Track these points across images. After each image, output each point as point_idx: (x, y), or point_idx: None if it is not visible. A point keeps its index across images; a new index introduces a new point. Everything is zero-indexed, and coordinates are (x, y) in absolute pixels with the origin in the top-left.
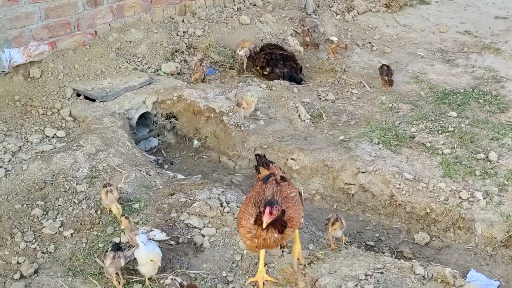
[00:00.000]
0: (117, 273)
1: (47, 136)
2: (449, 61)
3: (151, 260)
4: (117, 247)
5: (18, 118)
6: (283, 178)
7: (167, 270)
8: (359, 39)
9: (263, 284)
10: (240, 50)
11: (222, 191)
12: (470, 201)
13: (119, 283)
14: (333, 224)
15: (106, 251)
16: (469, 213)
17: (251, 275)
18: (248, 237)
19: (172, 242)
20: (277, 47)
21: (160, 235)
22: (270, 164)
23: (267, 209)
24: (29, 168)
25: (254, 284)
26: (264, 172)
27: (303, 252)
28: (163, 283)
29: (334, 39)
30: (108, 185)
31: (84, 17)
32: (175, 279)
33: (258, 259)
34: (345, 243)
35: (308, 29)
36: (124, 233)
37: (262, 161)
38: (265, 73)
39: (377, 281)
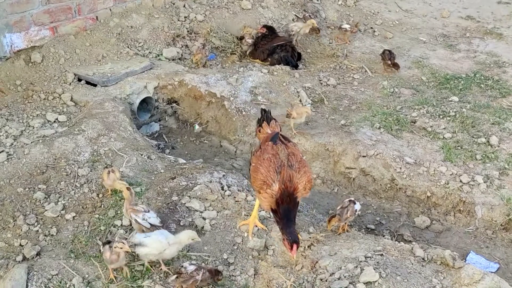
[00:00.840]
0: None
1: (48, 121)
2: (451, 46)
3: (193, 239)
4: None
5: (19, 103)
6: (284, 137)
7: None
8: (361, 24)
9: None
10: (248, 38)
11: (223, 175)
12: (470, 184)
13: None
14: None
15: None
16: (470, 197)
17: (252, 257)
18: (270, 201)
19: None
20: (272, 37)
21: (154, 220)
22: (272, 121)
23: (294, 247)
24: (31, 152)
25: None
26: (265, 128)
27: (304, 235)
28: (179, 269)
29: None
30: (109, 166)
31: (85, 2)
32: (200, 266)
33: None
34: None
35: (309, 16)
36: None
37: (266, 115)
38: (266, 63)
39: (377, 262)
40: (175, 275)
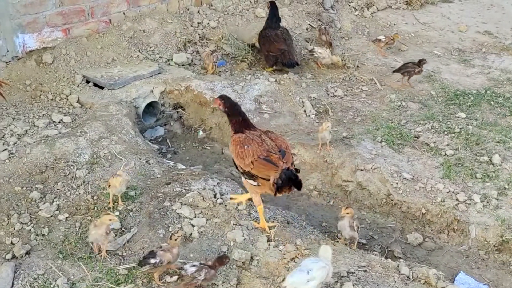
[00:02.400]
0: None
1: (53, 121)
2: (466, 61)
3: None
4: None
5: (27, 102)
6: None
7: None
8: (376, 36)
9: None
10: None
11: (218, 183)
12: (467, 203)
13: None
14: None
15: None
16: (465, 216)
17: (236, 266)
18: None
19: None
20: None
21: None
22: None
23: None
24: (32, 151)
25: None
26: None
27: (290, 246)
28: (179, 271)
29: (382, 37)
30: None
31: (99, 5)
32: (202, 265)
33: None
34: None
35: (325, 28)
36: None
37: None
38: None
39: (358, 279)
40: (176, 277)
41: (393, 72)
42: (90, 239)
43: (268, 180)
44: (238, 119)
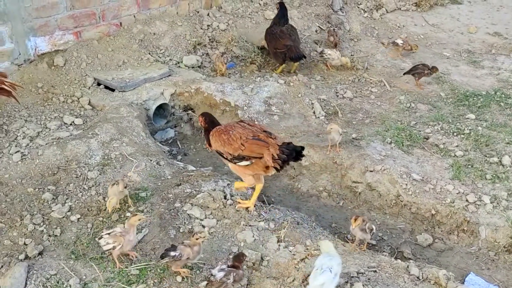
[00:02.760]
0: None
1: (65, 123)
2: (475, 62)
3: None
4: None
5: (39, 105)
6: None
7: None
8: (385, 37)
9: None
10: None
11: (228, 184)
12: (476, 204)
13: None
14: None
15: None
16: (474, 217)
17: (247, 267)
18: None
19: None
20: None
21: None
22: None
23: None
24: (44, 153)
25: None
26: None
27: (299, 247)
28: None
29: (399, 41)
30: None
31: (109, 8)
32: (230, 269)
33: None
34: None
35: (334, 29)
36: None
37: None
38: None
39: (368, 279)
40: (206, 282)
41: (404, 74)
42: (125, 249)
43: (261, 158)
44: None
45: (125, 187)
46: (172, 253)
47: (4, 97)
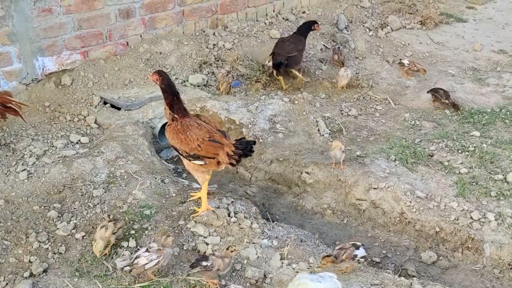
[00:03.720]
0: None
1: (71, 142)
2: (480, 80)
3: None
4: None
5: (46, 123)
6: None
7: (168, 275)
8: (390, 55)
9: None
10: (268, 62)
11: (232, 201)
12: (481, 221)
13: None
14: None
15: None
16: (479, 234)
17: (250, 284)
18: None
19: None
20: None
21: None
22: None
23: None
24: (51, 171)
25: None
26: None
27: (303, 265)
28: None
29: (405, 61)
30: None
31: (116, 28)
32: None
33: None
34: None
35: (338, 48)
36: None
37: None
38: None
39: None
40: None
41: (427, 92)
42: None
43: (214, 158)
44: (173, 98)
45: (113, 233)
46: (204, 263)
47: (12, 116)
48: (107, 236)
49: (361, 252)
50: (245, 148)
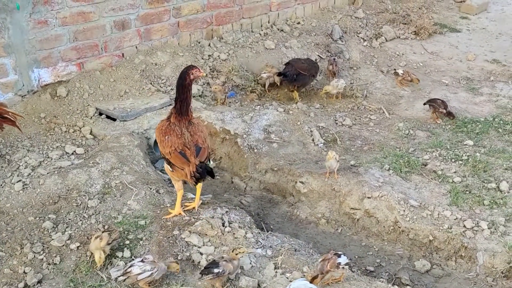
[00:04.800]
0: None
1: (66, 153)
2: (474, 89)
3: None
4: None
5: (42, 134)
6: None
7: (162, 285)
8: (385, 65)
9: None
10: (264, 73)
11: (226, 211)
12: (474, 230)
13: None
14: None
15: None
16: (472, 242)
17: None
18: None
19: None
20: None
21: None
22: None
23: None
24: (46, 182)
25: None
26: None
27: (296, 273)
28: None
29: (400, 71)
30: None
31: (112, 39)
32: None
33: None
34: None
35: (334, 59)
36: None
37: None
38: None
39: None
40: None
41: (424, 104)
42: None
43: (183, 169)
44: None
45: (108, 244)
46: (216, 270)
47: (8, 126)
48: (102, 246)
49: (343, 259)
50: (202, 173)
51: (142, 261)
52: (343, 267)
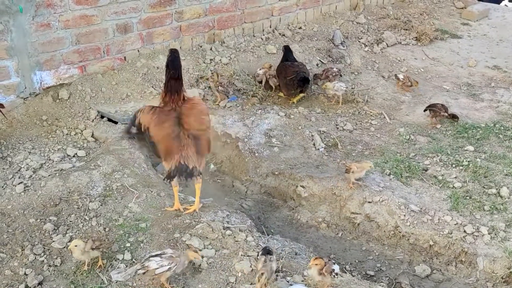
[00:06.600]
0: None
1: (68, 155)
2: (474, 95)
3: None
4: (267, 251)
5: (43, 137)
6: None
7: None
8: (386, 71)
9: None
10: (260, 69)
11: (227, 215)
12: (474, 235)
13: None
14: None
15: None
16: (472, 248)
17: None
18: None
19: None
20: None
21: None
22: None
23: None
24: (47, 185)
25: None
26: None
27: (297, 277)
28: None
29: (400, 76)
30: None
31: (114, 43)
32: None
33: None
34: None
35: (330, 68)
36: None
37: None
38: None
39: None
40: None
41: (424, 110)
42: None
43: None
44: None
45: (93, 249)
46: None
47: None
48: (87, 250)
49: (336, 268)
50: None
51: (159, 255)
52: (334, 275)
